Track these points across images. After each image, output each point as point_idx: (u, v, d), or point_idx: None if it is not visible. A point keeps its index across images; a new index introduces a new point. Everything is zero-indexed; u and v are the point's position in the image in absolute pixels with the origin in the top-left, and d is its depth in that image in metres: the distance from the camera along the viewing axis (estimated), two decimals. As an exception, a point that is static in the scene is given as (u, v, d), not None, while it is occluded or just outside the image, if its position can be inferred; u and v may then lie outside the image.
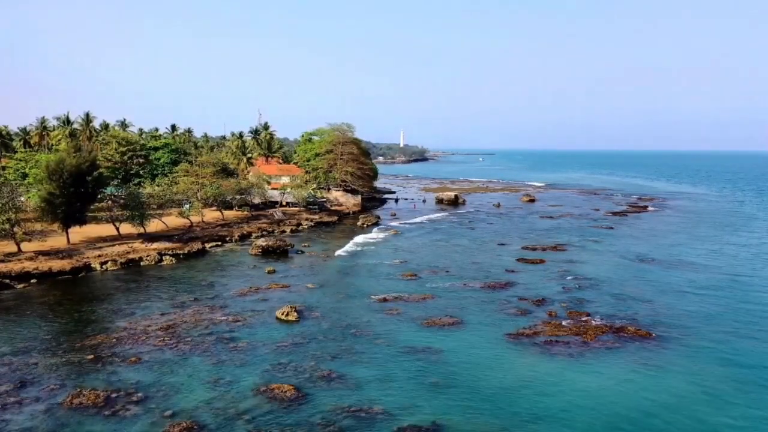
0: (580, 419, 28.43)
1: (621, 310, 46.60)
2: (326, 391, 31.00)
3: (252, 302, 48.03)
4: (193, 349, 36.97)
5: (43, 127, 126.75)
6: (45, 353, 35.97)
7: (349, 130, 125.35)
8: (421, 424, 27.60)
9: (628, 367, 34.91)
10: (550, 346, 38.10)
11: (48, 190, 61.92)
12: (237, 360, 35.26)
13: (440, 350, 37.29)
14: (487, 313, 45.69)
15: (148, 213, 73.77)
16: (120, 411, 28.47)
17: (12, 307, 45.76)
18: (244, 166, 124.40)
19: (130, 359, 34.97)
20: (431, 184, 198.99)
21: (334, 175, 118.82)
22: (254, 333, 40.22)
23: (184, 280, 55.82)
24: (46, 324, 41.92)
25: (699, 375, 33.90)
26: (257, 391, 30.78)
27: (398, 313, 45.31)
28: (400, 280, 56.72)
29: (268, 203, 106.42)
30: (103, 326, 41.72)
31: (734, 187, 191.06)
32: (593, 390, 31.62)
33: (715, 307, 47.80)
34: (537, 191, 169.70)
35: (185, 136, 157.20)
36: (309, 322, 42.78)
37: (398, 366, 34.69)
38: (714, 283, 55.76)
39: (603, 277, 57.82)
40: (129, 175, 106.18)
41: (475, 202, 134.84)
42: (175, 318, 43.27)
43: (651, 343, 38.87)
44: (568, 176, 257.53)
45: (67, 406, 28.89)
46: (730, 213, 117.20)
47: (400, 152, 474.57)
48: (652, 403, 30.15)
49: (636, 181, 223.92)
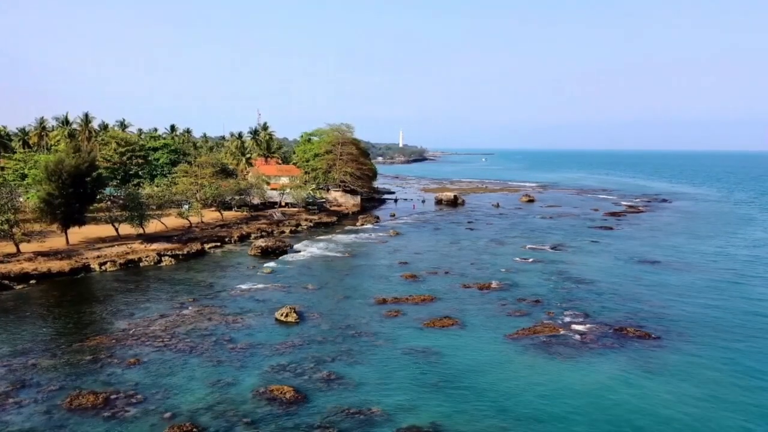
0: (579, 419, 28.43)
1: (620, 310, 46.61)
2: (326, 393, 30.99)
3: (251, 303, 48.00)
4: (192, 350, 36.95)
5: (42, 128, 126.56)
6: (44, 354, 35.92)
7: (348, 130, 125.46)
8: (420, 424, 27.61)
9: (627, 367, 34.91)
10: (549, 347, 38.11)
11: (47, 191, 61.84)
12: (236, 361, 35.24)
13: (439, 351, 37.29)
14: (486, 313, 45.70)
15: (147, 214, 73.71)
16: (119, 412, 28.44)
17: (11, 308, 45.70)
18: (244, 167, 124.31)
19: (129, 360, 34.94)
20: (430, 184, 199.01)
21: (333, 176, 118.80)
22: (253, 334, 40.20)
23: (183, 280, 55.78)
24: (45, 325, 41.87)
25: (698, 375, 33.92)
26: (256, 393, 30.76)
27: (398, 314, 45.30)
28: (399, 280, 56.71)
29: (268, 204, 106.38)
30: (102, 327, 41.69)
31: (734, 188, 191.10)
32: (592, 390, 31.61)
33: (715, 307, 47.83)
34: (536, 191, 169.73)
35: (184, 136, 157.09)
36: (308, 324, 42.76)
37: (398, 367, 34.68)
38: (714, 284, 55.79)
39: (602, 278, 57.84)
40: (128, 176, 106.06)
41: (474, 203, 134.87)
42: (174, 319, 43.24)
43: (650, 343, 38.88)
44: (568, 176, 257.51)
45: (66, 407, 28.86)
46: (729, 213, 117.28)
47: (399, 152, 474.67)
48: (651, 403, 30.16)
49: (635, 181, 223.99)
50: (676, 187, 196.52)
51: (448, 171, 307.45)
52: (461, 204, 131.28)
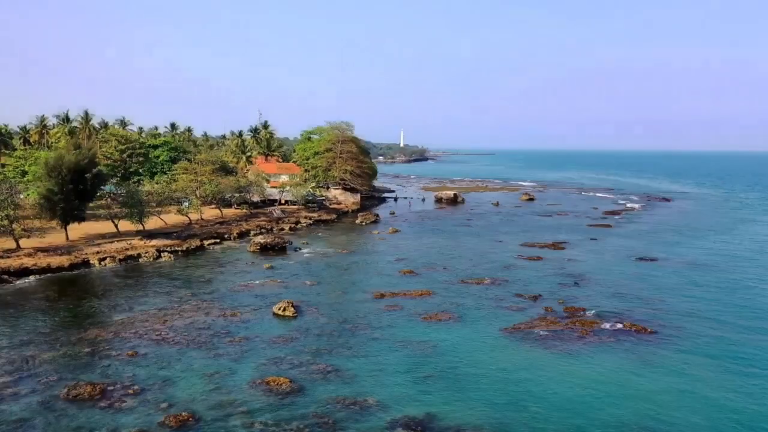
0: (575, 412, 28.57)
1: (618, 305, 46.74)
2: (322, 384, 31.16)
3: (249, 298, 48.18)
4: (190, 343, 37.14)
5: (43, 125, 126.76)
6: (42, 347, 36.12)
7: (348, 128, 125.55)
8: (414, 415, 27.78)
9: (623, 361, 35.06)
10: (546, 341, 38.26)
11: (47, 187, 61.99)
12: (233, 354, 35.42)
13: (436, 344, 37.45)
14: (483, 308, 45.84)
15: (147, 210, 73.87)
16: (116, 403, 28.63)
17: (10, 302, 45.91)
18: (244, 165, 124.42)
19: (127, 353, 35.12)
20: (431, 183, 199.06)
21: (333, 174, 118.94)
22: (251, 328, 40.38)
23: (182, 276, 55.97)
24: (44, 318, 42.07)
25: (695, 369, 34.05)
26: (253, 384, 30.94)
27: (396, 308, 45.46)
28: (398, 276, 56.87)
29: (267, 201, 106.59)
30: (101, 321, 41.89)
31: (734, 188, 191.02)
32: (588, 383, 31.77)
33: (713, 303, 47.94)
34: (536, 190, 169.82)
35: (185, 134, 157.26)
36: (306, 318, 42.94)
37: (394, 360, 34.85)
38: (712, 281, 55.91)
39: (600, 274, 57.98)
40: (128, 173, 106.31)
41: (474, 201, 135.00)
42: (172, 313, 43.43)
43: (647, 339, 39.02)
44: (568, 176, 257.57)
45: (64, 398, 29.05)
46: (729, 213, 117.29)
47: (400, 152, 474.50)
48: (647, 398, 30.29)
49: (635, 181, 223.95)
50: (677, 186, 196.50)
51: (448, 170, 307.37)
52: (461, 202, 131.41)
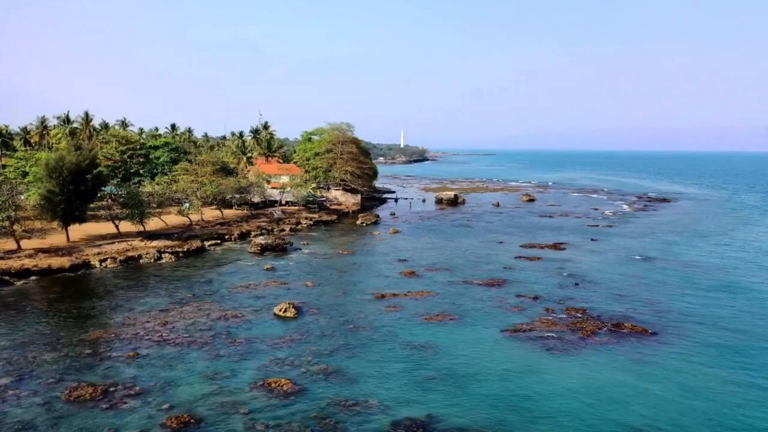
0: (575, 412, 28.57)
1: (618, 307, 46.74)
2: (323, 385, 31.16)
3: (250, 299, 48.19)
4: (191, 344, 37.15)
5: (44, 126, 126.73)
6: (44, 348, 36.13)
7: (349, 129, 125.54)
8: (416, 416, 27.78)
9: (624, 362, 35.05)
10: (546, 342, 38.25)
11: (47, 188, 62.03)
12: (234, 355, 35.42)
13: (437, 345, 37.45)
14: (484, 309, 45.84)
15: (148, 211, 73.93)
16: (118, 404, 28.65)
17: (11, 303, 45.92)
18: (244, 166, 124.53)
19: (128, 354, 35.14)
20: (431, 183, 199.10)
21: (334, 174, 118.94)
22: (252, 329, 40.39)
23: (182, 277, 55.99)
24: (45, 319, 42.08)
25: (694, 370, 34.05)
26: (254, 385, 30.95)
27: (396, 309, 45.46)
28: (398, 277, 56.87)
29: (268, 202, 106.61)
30: (102, 322, 41.91)
31: (734, 188, 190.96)
32: (588, 384, 31.76)
33: (714, 305, 47.92)
34: (537, 191, 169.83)
35: (185, 135, 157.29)
36: (307, 319, 42.95)
37: (395, 360, 34.86)
38: (712, 281, 55.89)
39: (601, 275, 57.97)
40: (129, 174, 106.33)
41: (474, 202, 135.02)
42: (173, 314, 43.44)
43: (648, 340, 39.02)
44: (569, 176, 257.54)
45: (65, 399, 29.07)
46: (729, 213, 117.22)
47: (400, 153, 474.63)
48: (648, 398, 30.30)
49: (635, 182, 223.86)
50: (676, 187, 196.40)
51: (449, 171, 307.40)
52: (462, 203, 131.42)
